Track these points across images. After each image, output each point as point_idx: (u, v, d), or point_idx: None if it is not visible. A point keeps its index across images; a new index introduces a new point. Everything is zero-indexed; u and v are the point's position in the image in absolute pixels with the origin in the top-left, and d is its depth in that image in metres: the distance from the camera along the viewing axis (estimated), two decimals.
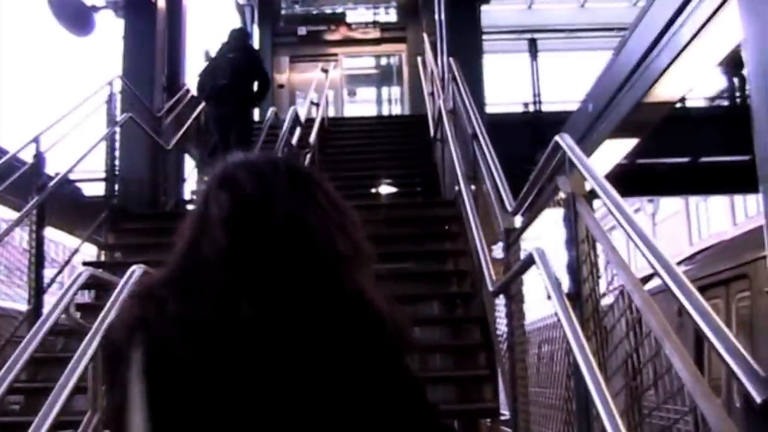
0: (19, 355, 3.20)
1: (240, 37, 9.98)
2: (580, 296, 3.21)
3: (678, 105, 11.49)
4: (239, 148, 5.56)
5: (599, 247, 3.15)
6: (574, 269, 3.29)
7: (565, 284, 3.35)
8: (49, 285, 7.82)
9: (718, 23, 7.63)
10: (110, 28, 11.72)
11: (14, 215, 7.44)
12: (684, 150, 14.43)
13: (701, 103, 15.08)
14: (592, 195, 3.27)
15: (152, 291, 1.48)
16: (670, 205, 31.85)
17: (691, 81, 9.59)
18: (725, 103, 15.86)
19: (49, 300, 7.47)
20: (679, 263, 8.59)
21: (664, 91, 9.52)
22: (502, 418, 5.98)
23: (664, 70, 8.85)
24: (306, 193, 1.49)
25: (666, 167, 14.92)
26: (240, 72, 9.26)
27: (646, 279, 2.72)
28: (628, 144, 11.60)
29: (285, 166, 1.54)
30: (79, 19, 11.15)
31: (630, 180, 13.98)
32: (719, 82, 15.47)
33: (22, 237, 7.67)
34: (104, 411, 1.57)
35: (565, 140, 3.58)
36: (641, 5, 12.46)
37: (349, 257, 1.45)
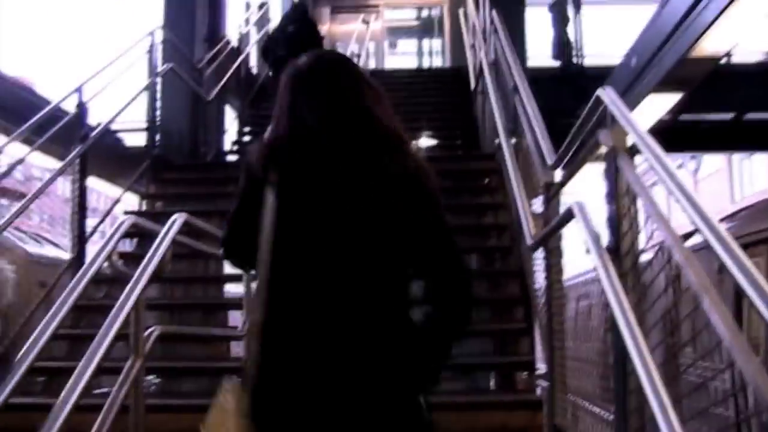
0: (63, 302, 3.25)
1: (298, 10, 10.62)
2: (619, 250, 3.20)
3: (723, 61, 11.30)
4: None
5: (639, 202, 3.13)
6: (613, 223, 3.28)
7: (605, 238, 3.34)
8: (91, 234, 7.92)
9: None
10: None
11: (57, 165, 7.52)
12: (728, 106, 14.22)
13: (746, 59, 14.78)
14: (633, 150, 3.24)
15: (275, 140, 2.36)
16: (713, 162, 31.47)
17: (738, 36, 9.41)
18: None
19: (91, 249, 7.59)
20: (720, 221, 8.50)
21: (710, 46, 9.37)
22: (538, 371, 5.99)
23: (710, 24, 8.69)
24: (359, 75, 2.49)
25: (709, 124, 14.73)
26: (296, 45, 9.41)
27: (686, 236, 2.70)
28: (671, 99, 11.45)
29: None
30: None
31: (672, 136, 13.82)
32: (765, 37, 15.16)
33: (65, 187, 7.76)
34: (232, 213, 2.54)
35: (607, 94, 3.54)
36: None
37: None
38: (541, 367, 5.47)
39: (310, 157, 2.27)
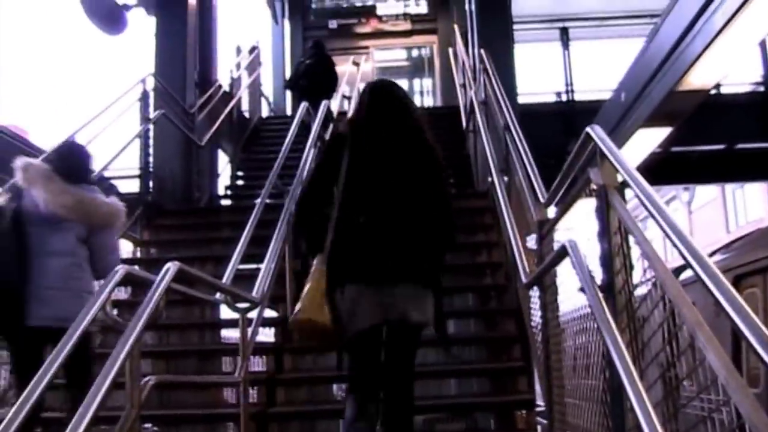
0: (59, 352, 3.23)
1: (316, 47, 12.48)
2: (612, 288, 3.20)
3: (712, 91, 11.37)
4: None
5: (632, 238, 3.14)
6: (606, 261, 3.29)
7: (598, 276, 3.34)
8: None
9: (753, 8, 7.55)
10: (142, 26, 11.81)
11: None
12: (719, 137, 14.29)
13: (736, 89, 14.88)
14: (624, 186, 3.26)
15: (355, 120, 4.40)
16: (706, 192, 31.58)
17: (725, 68, 9.48)
18: (761, 89, 15.63)
19: None
20: (715, 251, 8.51)
21: (698, 79, 9.44)
22: (538, 409, 5.97)
23: (698, 57, 8.77)
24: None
25: (701, 155, 14.79)
26: (315, 75, 11.75)
27: (681, 269, 2.70)
28: (661, 133, 11.52)
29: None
30: (111, 18, 11.21)
31: (664, 168, 13.90)
32: (754, 67, 15.27)
33: None
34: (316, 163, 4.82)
35: (596, 132, 3.56)
36: None
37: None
38: (541, 405, 5.45)
39: (373, 131, 4.16)
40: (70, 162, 5.01)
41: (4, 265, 4.44)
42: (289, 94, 20.22)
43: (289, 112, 19.20)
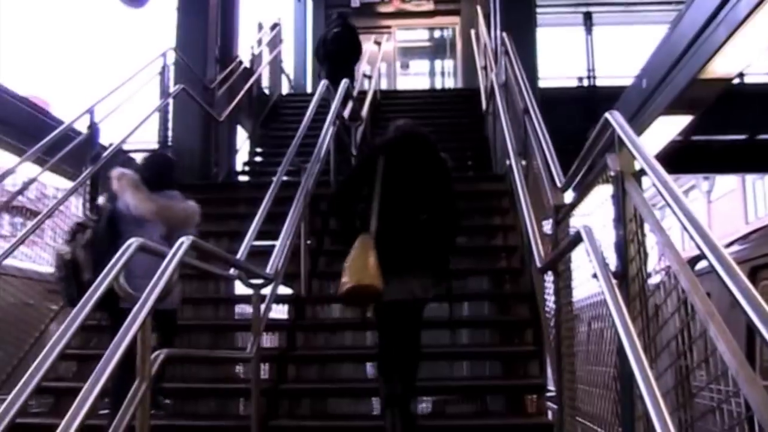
0: (71, 322, 3.24)
1: (341, 17, 12.84)
2: (626, 276, 3.19)
3: (735, 81, 11.27)
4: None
5: (647, 226, 3.12)
6: (621, 248, 3.27)
7: (613, 263, 3.33)
8: None
9: None
10: (164, 0, 11.80)
11: (69, 184, 7.55)
12: (741, 127, 14.18)
13: (759, 80, 14.73)
14: (641, 173, 3.24)
15: (386, 141, 5.40)
16: (726, 182, 31.37)
17: (749, 57, 9.38)
18: None
19: None
20: (733, 242, 8.46)
21: (721, 67, 9.35)
22: (548, 394, 5.96)
23: (721, 46, 8.69)
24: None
25: (722, 144, 14.69)
26: (340, 42, 12.26)
27: (698, 258, 2.68)
28: (682, 121, 11.43)
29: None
30: None
31: (685, 157, 13.82)
32: None
33: (77, 206, 7.79)
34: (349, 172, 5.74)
35: (615, 118, 3.54)
36: None
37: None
38: (552, 390, 5.45)
39: (400, 150, 5.24)
40: (154, 172, 5.90)
41: (102, 255, 4.94)
42: (309, 71, 20.28)
43: (309, 89, 19.20)
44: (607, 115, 3.64)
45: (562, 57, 18.21)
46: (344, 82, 9.77)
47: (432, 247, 5.12)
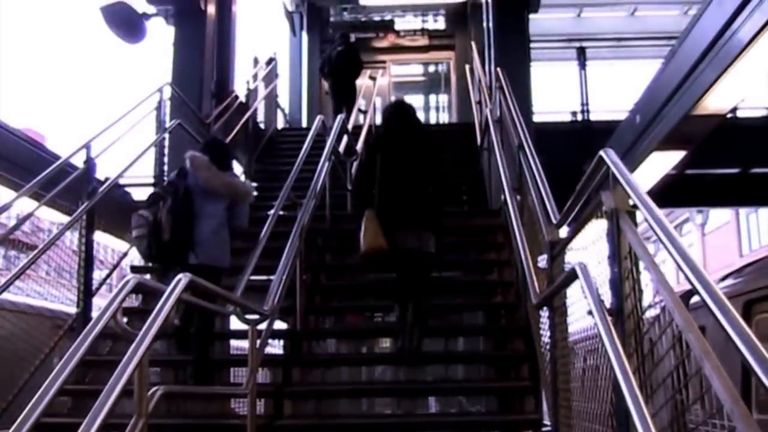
0: (69, 358, 3.25)
1: (344, 38, 14.19)
2: (621, 313, 3.21)
3: (728, 115, 11.33)
4: (347, 101, 13.31)
5: (642, 263, 3.14)
6: (616, 285, 3.29)
7: (608, 300, 3.35)
8: (98, 288, 7.95)
9: None
10: (161, 35, 11.89)
11: (65, 219, 7.56)
12: (734, 160, 14.23)
13: (752, 113, 14.82)
14: (635, 208, 3.27)
15: (381, 134, 7.32)
16: (720, 216, 31.47)
17: (742, 93, 9.44)
18: None
19: (97, 302, 7.60)
20: (727, 276, 8.48)
21: (714, 103, 9.40)
22: (545, 429, 5.95)
23: (714, 82, 8.74)
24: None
25: (715, 178, 14.74)
26: (345, 58, 13.55)
27: (692, 291, 2.70)
28: (675, 156, 11.48)
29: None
30: (130, 27, 11.31)
31: (678, 190, 13.85)
32: None
33: (72, 241, 7.79)
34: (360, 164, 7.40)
35: (609, 156, 3.57)
36: (692, 14, 12.31)
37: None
38: (548, 425, 5.43)
39: (394, 141, 6.92)
40: (219, 155, 6.96)
41: (180, 225, 6.49)
42: (305, 106, 20.37)
43: (305, 124, 19.26)
44: (601, 152, 3.68)
45: (556, 92, 18.32)
46: (339, 118, 9.85)
47: (426, 210, 6.74)
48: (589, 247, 4.11)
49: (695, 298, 3.22)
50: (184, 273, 4.12)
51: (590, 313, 3.32)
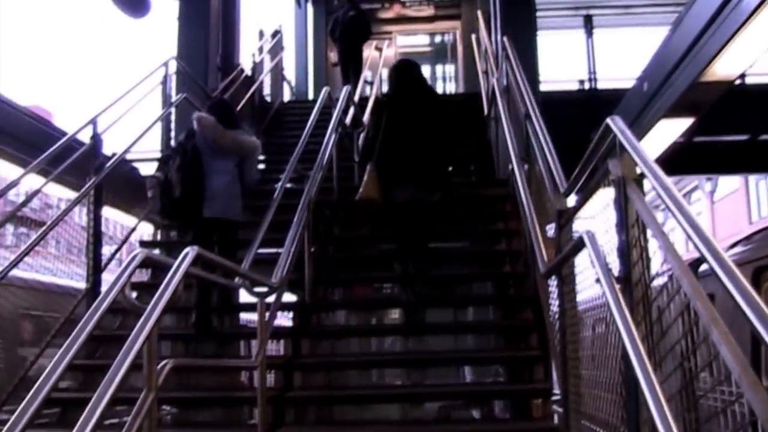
0: (78, 334, 3.26)
1: (353, 3, 14.57)
2: (629, 280, 3.20)
3: (737, 82, 11.25)
4: (355, 69, 13.85)
5: (650, 231, 3.13)
6: (624, 253, 3.28)
7: (616, 268, 3.34)
8: (107, 264, 7.98)
9: None
10: (166, 9, 11.84)
11: (73, 195, 7.57)
12: (743, 127, 14.15)
13: (761, 80, 14.71)
14: (643, 177, 3.25)
15: (389, 93, 7.67)
16: (729, 183, 31.34)
17: (750, 59, 9.34)
18: None
19: (106, 278, 7.63)
20: (736, 243, 8.46)
21: (722, 69, 9.32)
22: (554, 398, 5.96)
23: (722, 48, 8.66)
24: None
25: (724, 145, 14.66)
26: (354, 23, 14.08)
27: (701, 260, 2.69)
28: (683, 123, 11.41)
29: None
30: (135, 2, 11.26)
31: (687, 158, 13.80)
32: None
33: (81, 213, 7.81)
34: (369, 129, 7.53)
35: (616, 123, 3.55)
36: None
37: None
38: (557, 394, 5.45)
39: (400, 99, 7.20)
40: (225, 114, 7.39)
41: (189, 181, 6.90)
42: (311, 78, 20.30)
43: (311, 96, 19.20)
44: (608, 120, 3.65)
45: (563, 60, 18.23)
46: (345, 89, 9.82)
47: (427, 167, 6.99)
48: (597, 216, 4.09)
49: (704, 266, 3.21)
50: (192, 247, 4.12)
51: (598, 281, 3.32)
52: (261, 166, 12.78)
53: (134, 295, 3.85)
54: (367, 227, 8.75)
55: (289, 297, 7.32)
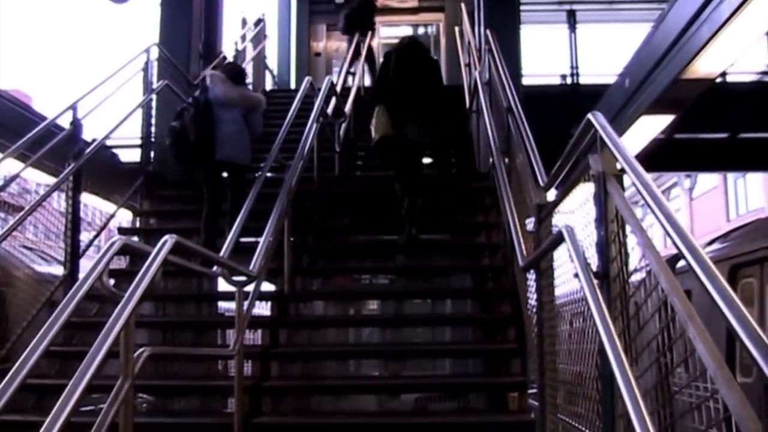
0: (55, 320, 3.25)
1: None
2: (608, 275, 3.21)
3: (718, 80, 11.29)
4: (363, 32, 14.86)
5: (629, 227, 3.14)
6: (603, 248, 3.29)
7: (594, 263, 3.35)
8: (85, 250, 7.95)
9: None
10: None
11: (52, 180, 7.53)
12: (723, 125, 14.22)
13: (741, 78, 14.78)
14: (623, 172, 3.26)
15: (397, 47, 8.65)
16: (708, 180, 31.54)
17: (731, 57, 9.39)
18: (767, 79, 15.53)
19: (84, 264, 7.59)
20: (714, 240, 8.52)
21: (704, 67, 9.35)
22: (531, 392, 5.98)
23: (704, 46, 8.70)
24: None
25: (704, 142, 14.73)
26: (360, 11, 14.81)
27: (679, 256, 2.71)
28: (664, 120, 11.45)
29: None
30: None
31: (667, 155, 13.86)
32: (760, 57, 15.16)
33: (59, 199, 7.77)
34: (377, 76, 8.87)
35: (597, 119, 3.56)
36: None
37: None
38: (533, 388, 5.46)
39: (407, 52, 8.46)
40: (234, 73, 8.46)
41: (203, 129, 7.78)
42: (293, 67, 20.24)
43: (293, 85, 19.15)
44: (589, 115, 3.67)
45: (545, 55, 18.21)
46: (327, 79, 9.83)
47: (428, 108, 8.12)
48: (577, 211, 4.10)
49: (681, 262, 3.23)
50: (170, 234, 4.10)
51: (576, 275, 3.33)
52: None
53: (112, 282, 3.85)
54: (381, 161, 9.44)
55: (267, 286, 7.31)
